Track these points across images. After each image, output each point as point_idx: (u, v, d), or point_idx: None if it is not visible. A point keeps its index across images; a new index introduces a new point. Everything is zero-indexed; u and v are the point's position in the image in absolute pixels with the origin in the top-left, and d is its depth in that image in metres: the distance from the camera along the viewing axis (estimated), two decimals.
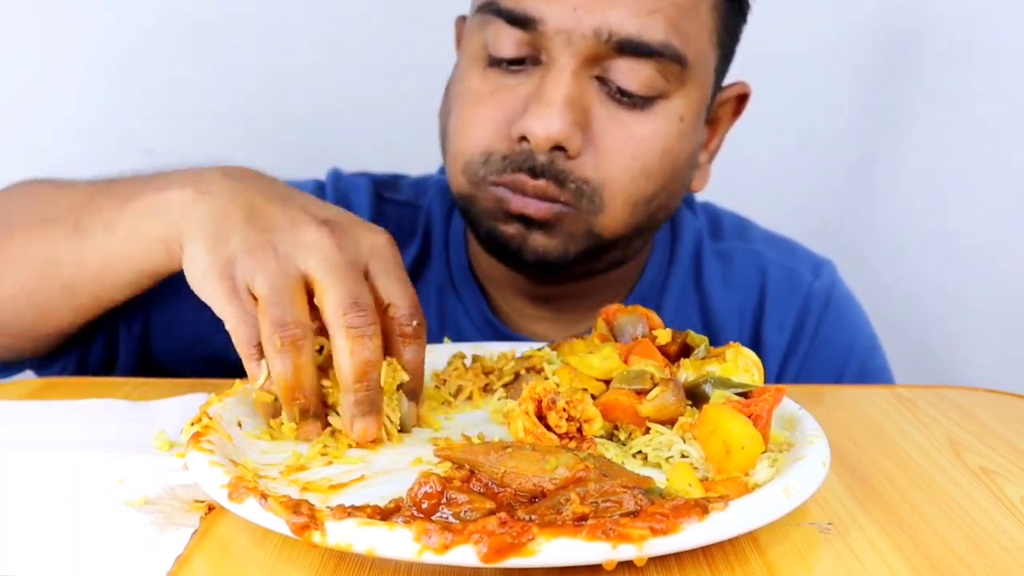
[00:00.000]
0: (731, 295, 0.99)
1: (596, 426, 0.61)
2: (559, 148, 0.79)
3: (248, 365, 0.64)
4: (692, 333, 0.69)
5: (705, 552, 0.51)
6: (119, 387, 0.80)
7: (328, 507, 0.49)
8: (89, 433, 0.68)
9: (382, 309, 0.64)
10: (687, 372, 0.66)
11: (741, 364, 0.66)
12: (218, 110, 1.36)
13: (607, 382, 0.65)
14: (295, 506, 0.49)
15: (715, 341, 0.94)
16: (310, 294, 0.64)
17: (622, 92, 0.80)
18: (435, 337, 0.91)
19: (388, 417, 0.64)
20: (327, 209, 0.68)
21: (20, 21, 1.31)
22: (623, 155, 0.81)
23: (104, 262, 0.75)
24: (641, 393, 0.62)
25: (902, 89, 1.39)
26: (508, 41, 0.80)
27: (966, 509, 0.59)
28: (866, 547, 0.53)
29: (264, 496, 0.50)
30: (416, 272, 0.97)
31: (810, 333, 0.98)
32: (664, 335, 0.69)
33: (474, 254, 0.97)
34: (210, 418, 0.62)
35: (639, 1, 0.77)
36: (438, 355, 0.79)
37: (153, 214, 0.71)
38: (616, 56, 0.79)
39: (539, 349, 0.75)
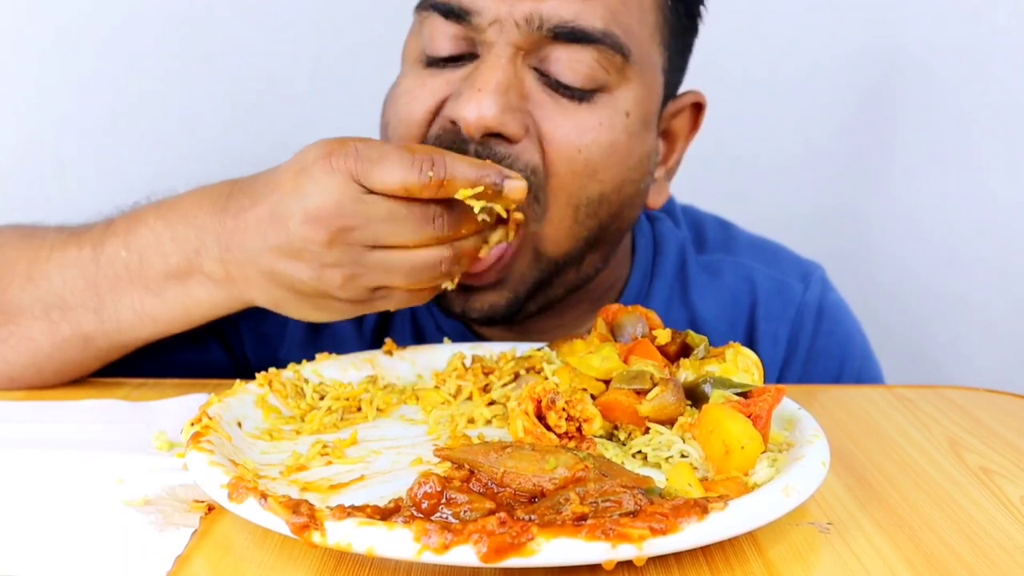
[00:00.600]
0: (720, 309, 0.96)
1: (596, 426, 0.61)
2: (495, 135, 0.75)
3: (436, 256, 0.71)
4: (692, 333, 0.69)
5: (705, 552, 0.51)
6: (119, 387, 0.80)
7: (328, 507, 0.49)
8: (89, 433, 0.68)
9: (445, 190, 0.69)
10: (687, 372, 0.66)
11: (741, 364, 0.66)
12: (217, 110, 1.36)
13: (607, 382, 0.65)
14: (295, 506, 0.49)
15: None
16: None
17: (561, 84, 0.77)
18: (435, 339, 0.91)
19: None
20: (278, 202, 0.70)
21: (20, 21, 1.31)
22: (566, 146, 0.77)
23: (149, 338, 0.79)
24: (641, 393, 0.62)
25: (900, 92, 1.39)
26: (444, 37, 0.78)
27: (966, 509, 0.59)
28: (866, 547, 0.53)
29: (264, 496, 0.50)
30: None
31: (805, 345, 0.97)
32: (664, 335, 0.69)
33: None
34: (210, 418, 0.62)
35: None
36: (438, 355, 0.79)
37: (198, 301, 0.76)
38: (552, 44, 0.76)
39: (539, 349, 0.75)
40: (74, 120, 1.34)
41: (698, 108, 0.91)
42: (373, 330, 0.94)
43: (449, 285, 0.75)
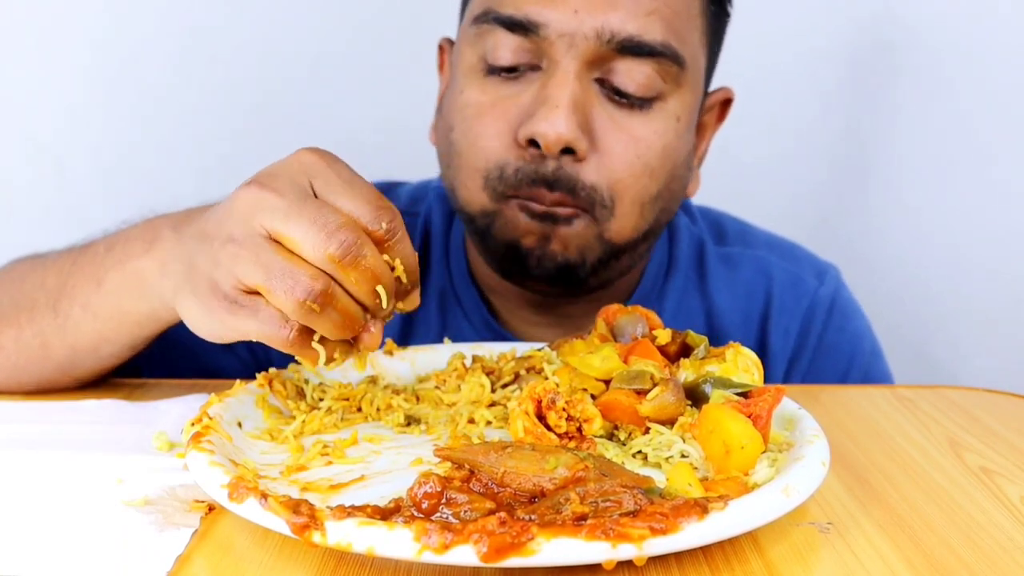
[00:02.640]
0: (736, 299, 0.99)
1: (596, 426, 0.61)
2: (567, 151, 0.80)
3: (300, 354, 0.61)
4: (692, 333, 0.69)
5: (705, 552, 0.51)
6: (119, 387, 0.80)
7: (328, 507, 0.49)
8: (89, 433, 0.68)
9: None
10: (687, 372, 0.66)
11: (741, 364, 0.66)
12: (216, 109, 1.36)
13: (607, 382, 0.65)
14: (295, 506, 0.49)
15: (719, 342, 0.95)
16: None
17: (621, 94, 0.81)
18: (436, 339, 0.91)
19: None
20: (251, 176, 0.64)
21: (21, 21, 1.31)
22: (626, 156, 0.82)
23: (92, 342, 0.75)
24: (641, 393, 0.62)
25: (901, 91, 1.39)
26: (507, 49, 0.81)
27: (966, 509, 0.59)
28: (866, 547, 0.53)
29: (264, 496, 0.50)
30: None
31: (815, 339, 0.99)
32: (664, 335, 0.69)
33: (474, 261, 0.97)
34: (210, 418, 0.62)
35: (637, 3, 0.79)
36: (438, 355, 0.79)
37: (128, 293, 0.71)
38: (617, 57, 0.80)
39: (539, 349, 0.75)
40: (74, 120, 1.34)
41: (727, 102, 0.94)
42: (399, 331, 0.95)
43: (317, 359, 0.62)
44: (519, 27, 0.80)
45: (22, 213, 1.32)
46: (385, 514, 0.50)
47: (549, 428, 0.61)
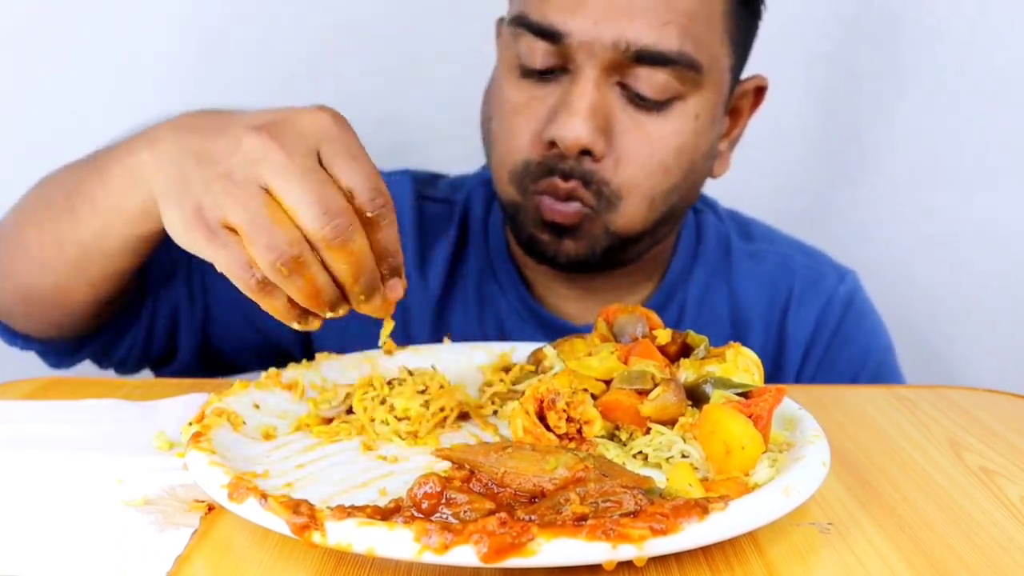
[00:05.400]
0: (760, 292, 1.04)
1: (596, 428, 0.61)
2: (586, 152, 0.86)
3: (259, 301, 0.62)
4: (692, 333, 0.69)
5: (705, 552, 0.51)
6: (119, 387, 0.80)
7: (328, 507, 0.49)
8: (89, 433, 0.68)
9: (344, 197, 0.61)
10: (687, 372, 0.66)
11: (741, 364, 0.66)
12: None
13: (608, 382, 0.65)
14: (295, 506, 0.49)
15: (742, 332, 1.00)
16: None
17: (640, 97, 0.86)
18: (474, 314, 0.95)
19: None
20: (264, 114, 0.65)
21: (19, 21, 1.31)
22: (640, 155, 0.87)
23: (97, 238, 0.77)
24: (642, 393, 0.62)
25: (902, 93, 1.39)
26: (538, 53, 0.86)
27: (966, 509, 0.59)
28: (866, 547, 0.53)
29: (264, 496, 0.50)
30: (456, 257, 1.03)
31: (830, 331, 1.04)
32: (664, 335, 0.69)
33: (512, 240, 1.03)
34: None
35: (654, 13, 0.83)
36: (438, 356, 0.79)
37: (125, 186, 0.72)
38: (635, 65, 0.84)
39: (539, 349, 0.75)
40: (74, 120, 1.34)
41: (760, 89, 0.99)
42: (434, 309, 1.01)
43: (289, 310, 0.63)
44: (546, 34, 0.85)
45: None
46: (385, 514, 0.50)
47: (549, 428, 0.61)
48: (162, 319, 0.95)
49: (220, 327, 0.98)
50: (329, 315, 0.63)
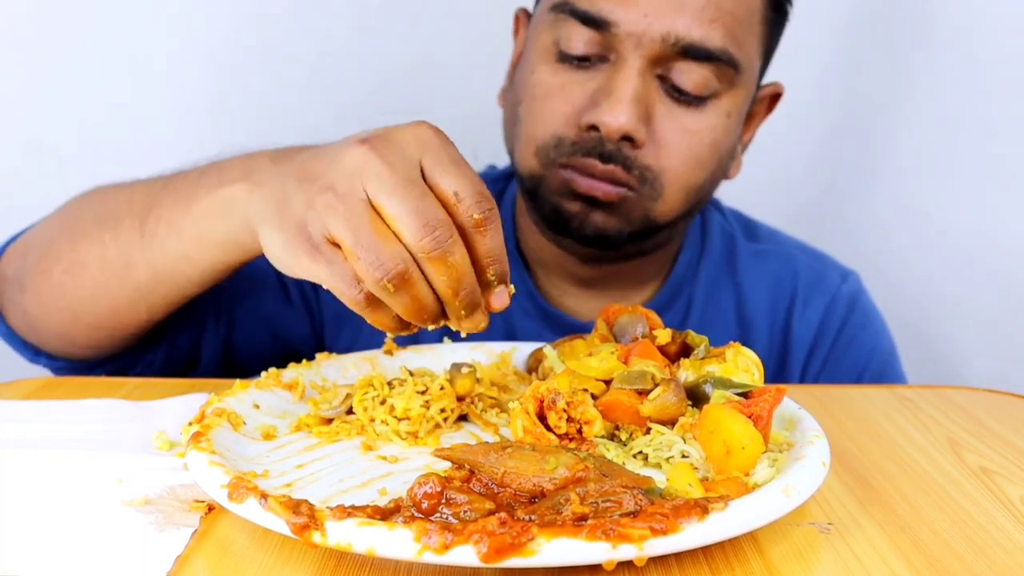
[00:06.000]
0: (765, 290, 1.05)
1: (596, 428, 0.61)
2: (626, 139, 0.87)
3: (365, 315, 0.62)
4: (692, 333, 0.69)
5: (705, 552, 0.51)
6: (119, 387, 0.80)
7: (328, 507, 0.49)
8: (89, 433, 0.68)
9: (449, 204, 0.61)
10: (687, 372, 0.66)
11: (741, 364, 0.66)
12: (216, 109, 1.36)
13: (608, 382, 0.65)
14: (295, 506, 0.49)
15: (748, 330, 1.01)
16: None
17: (679, 91, 0.87)
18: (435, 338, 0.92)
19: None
20: (363, 133, 0.65)
21: (19, 21, 1.31)
22: (680, 147, 0.89)
23: (174, 264, 0.77)
24: (642, 393, 0.62)
25: (902, 93, 1.39)
26: (580, 40, 0.87)
27: (966, 509, 0.59)
28: (866, 547, 0.53)
29: (264, 496, 0.50)
30: None
31: (834, 331, 1.04)
32: (664, 335, 0.69)
33: (522, 235, 1.03)
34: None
35: (703, 10, 0.85)
36: (438, 356, 0.79)
37: (215, 214, 0.73)
38: (679, 58, 0.86)
39: (539, 349, 0.75)
40: (74, 120, 1.34)
41: (776, 96, 1.02)
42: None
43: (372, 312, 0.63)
44: (592, 22, 0.86)
45: (22, 213, 1.32)
46: (385, 514, 0.50)
47: (549, 428, 0.61)
48: (185, 338, 0.94)
49: (243, 341, 0.97)
50: (431, 327, 0.63)
